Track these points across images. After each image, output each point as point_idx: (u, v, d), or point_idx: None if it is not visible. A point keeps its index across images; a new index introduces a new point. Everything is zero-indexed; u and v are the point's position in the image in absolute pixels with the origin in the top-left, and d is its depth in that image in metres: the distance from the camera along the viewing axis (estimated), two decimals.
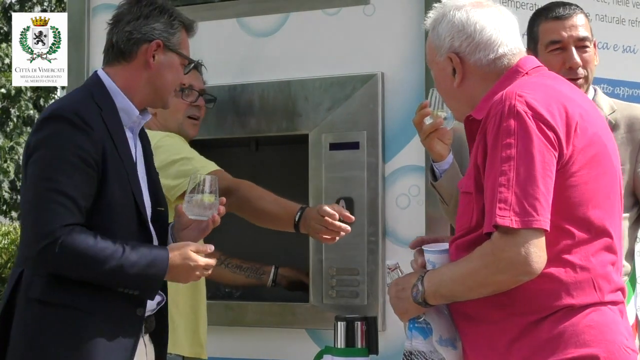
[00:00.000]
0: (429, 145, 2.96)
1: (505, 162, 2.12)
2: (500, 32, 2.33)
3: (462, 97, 2.38)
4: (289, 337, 3.50)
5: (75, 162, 2.52)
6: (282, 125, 3.58)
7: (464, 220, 2.27)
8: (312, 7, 3.58)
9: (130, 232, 2.62)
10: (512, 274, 2.12)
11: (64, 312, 2.53)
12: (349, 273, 3.41)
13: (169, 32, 2.74)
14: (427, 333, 2.27)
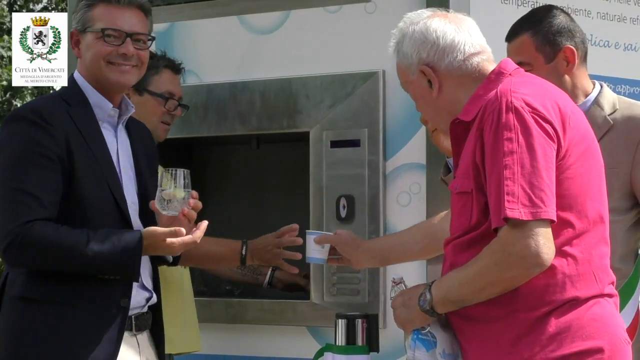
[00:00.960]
0: (435, 141, 3.01)
1: (508, 156, 2.13)
2: (461, 33, 2.35)
3: (444, 106, 2.39)
4: (289, 335, 3.50)
5: (35, 159, 2.55)
6: (283, 123, 3.58)
7: (462, 221, 2.27)
8: (313, 5, 3.58)
9: (110, 225, 2.62)
10: (523, 267, 2.12)
11: (45, 307, 2.56)
12: (349, 271, 3.40)
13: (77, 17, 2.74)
14: (431, 345, 2.26)
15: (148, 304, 2.74)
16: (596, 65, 3.40)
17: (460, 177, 2.30)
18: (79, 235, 2.53)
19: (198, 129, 3.54)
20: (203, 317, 3.47)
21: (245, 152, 3.85)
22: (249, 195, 3.77)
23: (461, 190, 2.28)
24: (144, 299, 2.71)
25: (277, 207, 3.74)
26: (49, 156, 2.55)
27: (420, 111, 2.53)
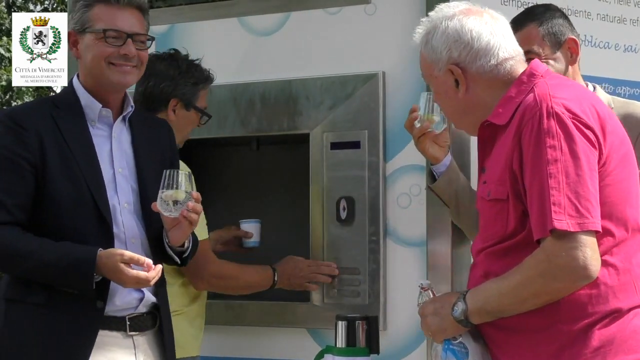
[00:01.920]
0: (421, 149, 2.98)
1: (551, 164, 2.07)
2: (497, 37, 2.30)
3: (468, 107, 2.34)
4: (289, 337, 3.50)
5: (1, 163, 2.59)
6: (283, 125, 3.58)
7: (497, 229, 2.21)
8: (313, 6, 3.58)
9: (86, 226, 2.64)
10: (570, 280, 2.07)
11: (24, 308, 2.62)
12: (350, 272, 3.41)
13: (74, 17, 2.75)
14: (463, 356, 2.21)
15: (142, 304, 2.74)
16: (596, 66, 3.41)
17: (494, 183, 2.23)
18: (39, 245, 2.57)
19: (198, 130, 3.53)
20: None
21: (245, 154, 3.85)
22: (249, 197, 3.76)
23: (495, 197, 2.22)
24: (135, 299, 2.71)
25: (277, 209, 3.74)
26: (16, 161, 2.59)
27: (441, 106, 2.47)
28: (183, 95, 3.29)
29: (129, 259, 2.56)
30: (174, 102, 3.29)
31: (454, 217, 3.11)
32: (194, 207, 2.63)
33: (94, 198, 2.64)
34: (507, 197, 2.17)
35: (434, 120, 2.90)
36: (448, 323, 2.23)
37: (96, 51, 2.70)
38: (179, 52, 3.38)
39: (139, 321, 2.72)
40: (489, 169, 2.30)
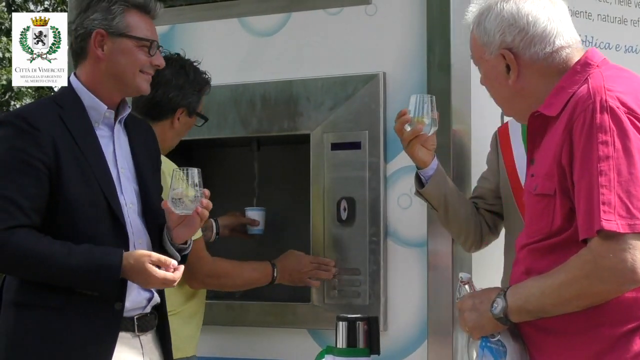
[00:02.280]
0: (410, 153, 2.95)
1: (603, 161, 1.97)
2: (554, 23, 2.19)
3: (518, 94, 2.25)
4: (290, 337, 3.50)
5: (16, 165, 2.55)
6: (284, 125, 3.58)
7: (542, 225, 2.13)
8: (313, 7, 3.58)
9: (100, 227, 2.62)
10: (617, 283, 1.97)
11: (38, 312, 2.57)
12: (350, 273, 3.41)
13: (107, 18, 2.71)
14: (500, 355, 2.14)
15: (150, 304, 2.74)
16: None
17: (542, 177, 2.14)
18: (60, 248, 2.53)
19: (198, 131, 3.53)
20: (205, 319, 3.47)
21: (245, 155, 3.85)
22: (249, 198, 3.76)
23: (542, 192, 2.12)
24: (144, 299, 2.71)
25: (278, 209, 3.74)
26: (32, 163, 2.56)
27: (488, 91, 2.36)
28: (189, 105, 3.31)
29: (157, 260, 2.58)
30: (180, 110, 3.32)
31: (442, 221, 3.09)
32: (207, 204, 2.67)
33: (107, 199, 2.63)
34: (555, 192, 2.08)
35: (425, 122, 2.87)
36: (486, 320, 2.15)
37: (134, 58, 2.71)
38: (182, 57, 3.38)
39: (145, 321, 2.73)
40: (538, 161, 2.20)
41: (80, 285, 2.57)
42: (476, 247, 3.13)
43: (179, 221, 2.70)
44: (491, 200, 3.08)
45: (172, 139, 3.37)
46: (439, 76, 3.33)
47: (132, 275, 2.58)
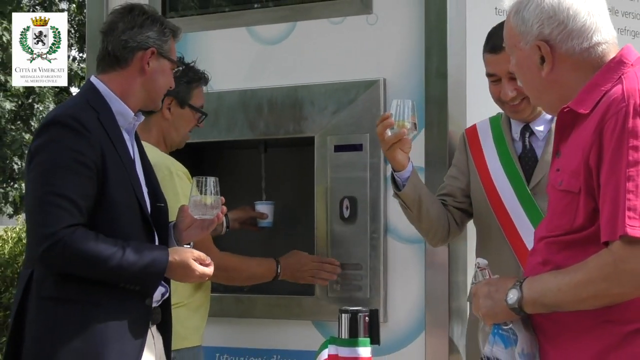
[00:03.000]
0: (391, 156, 2.88)
1: (632, 166, 1.89)
2: (594, 18, 2.07)
3: (550, 87, 2.13)
4: (295, 328, 3.51)
5: (72, 166, 2.54)
6: (290, 128, 3.60)
7: (564, 221, 2.05)
8: (317, 17, 3.59)
9: (135, 227, 2.64)
10: (635, 287, 1.91)
11: (76, 307, 2.55)
12: (352, 268, 3.42)
13: (161, 39, 2.76)
14: (510, 343, 2.08)
15: (162, 298, 2.77)
16: None
17: (568, 174, 2.05)
18: (115, 247, 2.53)
19: (209, 133, 3.55)
20: (215, 311, 3.48)
21: (253, 156, 3.86)
22: (257, 197, 3.78)
23: (567, 188, 2.04)
24: (160, 294, 2.73)
25: (284, 208, 3.75)
26: (86, 164, 2.55)
27: (519, 79, 2.23)
28: (177, 94, 3.24)
29: (198, 257, 2.64)
30: (168, 100, 3.26)
31: (414, 219, 3.02)
32: (223, 209, 2.74)
33: (139, 200, 2.66)
34: (579, 190, 2.00)
35: (407, 127, 2.83)
36: (500, 308, 2.07)
37: (168, 79, 2.80)
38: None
39: (156, 314, 2.74)
40: (564, 155, 2.11)
41: (128, 280, 2.57)
42: (442, 243, 3.12)
43: (191, 224, 2.74)
44: (460, 198, 3.06)
45: (170, 132, 3.33)
46: (436, 83, 3.34)
47: (174, 270, 2.62)
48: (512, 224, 2.93)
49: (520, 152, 2.98)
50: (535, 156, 2.96)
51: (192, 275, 2.64)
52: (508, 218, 2.93)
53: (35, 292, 2.58)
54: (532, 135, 2.97)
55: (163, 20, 2.82)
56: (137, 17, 2.76)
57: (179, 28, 2.90)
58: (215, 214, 2.71)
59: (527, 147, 2.97)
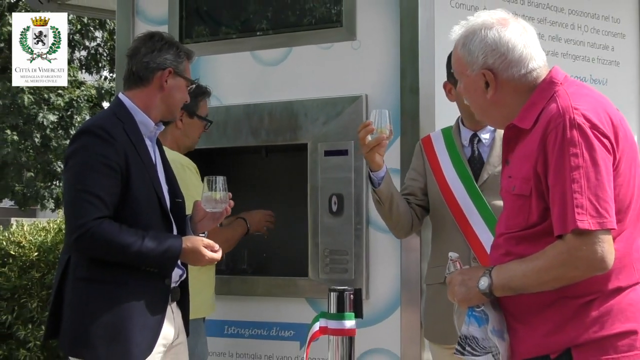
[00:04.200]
0: (370, 158, 2.87)
1: (575, 170, 1.92)
2: (529, 49, 2.10)
3: (493, 107, 2.15)
4: (291, 305, 3.50)
5: (100, 168, 2.54)
6: (287, 136, 3.59)
7: (519, 220, 2.06)
8: (310, 43, 3.59)
9: (155, 219, 2.63)
10: (588, 270, 1.93)
11: (106, 286, 2.55)
12: (339, 254, 3.42)
13: (177, 61, 2.76)
14: (483, 322, 2.09)
15: (180, 279, 2.75)
16: None
17: (519, 180, 2.06)
18: (136, 235, 2.53)
19: (219, 141, 3.54)
20: (223, 290, 3.49)
21: (256, 160, 3.85)
22: (259, 194, 3.77)
23: (520, 192, 2.05)
24: (177, 275, 2.72)
25: (282, 203, 3.75)
26: (111, 166, 2.55)
27: (466, 100, 2.23)
28: (186, 107, 3.18)
29: (207, 244, 2.63)
30: (180, 113, 3.20)
31: (385, 213, 2.99)
32: (231, 203, 2.73)
33: (158, 196, 2.65)
34: (530, 193, 2.02)
35: (385, 132, 2.82)
36: (474, 294, 2.08)
37: (184, 94, 2.80)
38: None
39: (175, 293, 2.73)
40: (513, 164, 2.13)
41: (148, 264, 2.57)
42: (406, 235, 3.09)
43: (204, 216, 2.74)
44: (420, 196, 3.05)
45: (182, 138, 3.35)
46: (410, 98, 3.34)
47: (187, 255, 2.62)
48: (464, 216, 2.94)
49: (469, 156, 2.99)
50: (482, 159, 2.97)
51: (202, 259, 2.63)
52: (460, 211, 2.94)
53: (71, 274, 2.58)
54: (479, 142, 3.00)
55: (178, 45, 2.83)
56: (157, 42, 2.76)
57: (193, 52, 2.90)
58: (223, 207, 2.71)
59: (476, 152, 2.99)
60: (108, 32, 15.88)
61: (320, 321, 2.94)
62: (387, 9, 3.41)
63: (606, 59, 3.86)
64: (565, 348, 2.00)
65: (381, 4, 3.43)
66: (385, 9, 3.42)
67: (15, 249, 5.03)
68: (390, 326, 3.33)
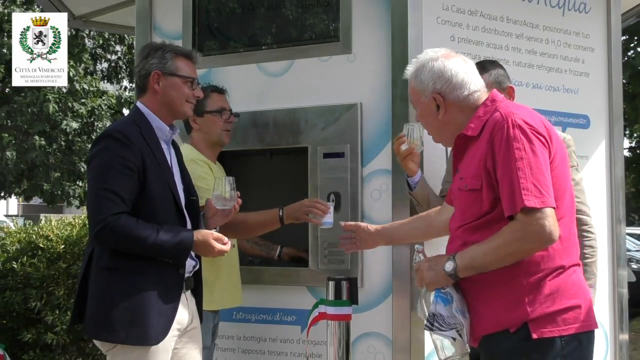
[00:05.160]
0: (405, 165, 3.02)
1: (519, 160, 2.07)
2: (468, 75, 2.30)
3: (445, 126, 2.33)
4: (294, 292, 3.50)
5: (119, 168, 2.54)
6: (289, 140, 3.58)
7: (473, 211, 2.19)
8: (310, 56, 3.58)
9: (170, 215, 2.63)
10: (540, 242, 2.06)
11: (126, 275, 2.55)
12: (337, 246, 3.40)
13: (162, 62, 2.72)
14: (448, 302, 2.19)
15: (194, 269, 2.75)
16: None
17: (470, 178, 2.21)
18: (151, 229, 2.53)
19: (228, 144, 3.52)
20: None
21: (262, 162, 3.85)
22: (264, 193, 3.77)
23: (471, 187, 2.20)
24: (191, 266, 2.72)
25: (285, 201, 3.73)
26: (129, 166, 2.55)
27: (424, 125, 2.42)
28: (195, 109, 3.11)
29: (217, 237, 2.61)
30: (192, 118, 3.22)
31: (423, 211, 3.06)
32: (240, 201, 2.73)
33: (173, 194, 2.64)
34: (481, 187, 2.15)
35: (417, 144, 2.96)
36: (440, 276, 2.19)
37: (182, 92, 2.73)
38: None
39: (189, 282, 2.73)
40: (462, 169, 2.28)
41: (163, 255, 2.56)
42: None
43: (215, 213, 2.74)
44: None
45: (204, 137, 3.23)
46: (400, 105, 3.34)
47: (198, 247, 2.61)
48: None
49: None
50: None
51: (213, 251, 2.62)
52: None
53: (94, 264, 2.58)
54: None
55: (165, 47, 2.76)
56: (144, 50, 2.77)
57: (188, 50, 2.83)
58: (232, 205, 2.70)
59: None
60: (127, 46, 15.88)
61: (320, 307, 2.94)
62: (380, 26, 3.41)
63: (577, 71, 3.86)
64: (522, 322, 2.10)
65: (374, 21, 3.43)
66: (378, 26, 3.41)
67: (43, 242, 5.03)
68: (383, 312, 3.33)
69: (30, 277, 4.90)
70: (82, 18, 4.95)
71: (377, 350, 3.33)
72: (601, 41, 3.95)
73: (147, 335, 2.52)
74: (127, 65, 15.94)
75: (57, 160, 14.89)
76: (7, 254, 5.08)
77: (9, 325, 4.95)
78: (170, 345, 2.60)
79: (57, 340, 4.84)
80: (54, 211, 18.88)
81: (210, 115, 3.27)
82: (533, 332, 2.09)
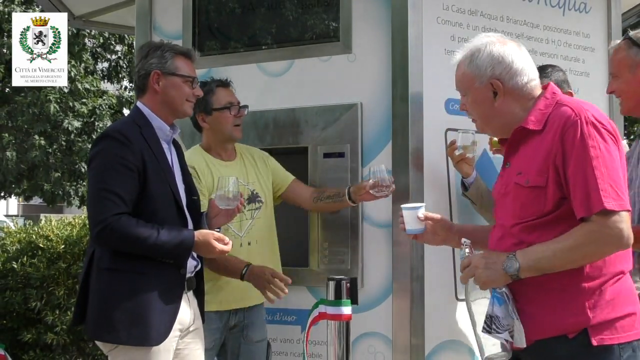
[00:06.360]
0: (459, 168, 3.13)
1: (594, 159, 1.99)
2: (526, 62, 2.20)
3: (498, 114, 2.20)
4: (295, 292, 3.47)
5: (119, 168, 2.54)
6: (290, 140, 3.58)
7: (534, 209, 2.08)
8: (310, 56, 3.58)
9: (170, 214, 2.63)
10: (617, 246, 2.00)
11: (127, 275, 2.55)
12: (337, 246, 3.41)
13: (162, 62, 2.71)
14: (503, 302, 2.09)
15: (195, 270, 2.75)
16: None
17: (533, 174, 2.09)
18: (152, 229, 2.52)
19: None
20: None
21: None
22: None
23: (534, 184, 2.08)
24: (192, 266, 2.72)
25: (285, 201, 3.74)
26: (128, 166, 2.55)
27: (473, 112, 2.26)
28: (202, 108, 3.16)
29: (218, 237, 2.61)
30: (199, 116, 3.20)
31: (478, 210, 3.21)
32: (243, 202, 2.74)
33: (174, 194, 2.64)
34: (546, 184, 2.05)
35: (469, 149, 3.06)
36: (499, 276, 2.07)
37: (182, 91, 2.71)
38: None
39: (190, 282, 2.73)
40: (518, 164, 2.16)
41: (164, 255, 2.56)
42: None
43: (218, 212, 2.73)
44: None
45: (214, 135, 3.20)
46: (400, 105, 3.33)
47: (199, 248, 2.60)
48: None
49: None
50: None
51: (213, 251, 2.61)
52: None
53: (96, 265, 2.58)
54: None
55: (164, 47, 2.75)
56: (143, 50, 2.76)
57: (187, 49, 2.82)
58: (235, 205, 2.69)
59: None
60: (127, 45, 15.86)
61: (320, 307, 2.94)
62: (380, 26, 3.40)
63: (577, 70, 3.86)
64: (582, 328, 2.03)
65: (374, 21, 3.42)
66: (378, 26, 3.41)
67: (44, 242, 5.03)
68: (383, 312, 3.32)
69: (30, 277, 4.90)
70: (82, 18, 4.95)
71: (377, 350, 3.33)
72: (601, 41, 3.95)
73: (148, 336, 2.52)
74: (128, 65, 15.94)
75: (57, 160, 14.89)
76: (7, 254, 5.09)
77: (9, 325, 4.95)
78: (171, 346, 2.60)
79: (57, 340, 4.84)
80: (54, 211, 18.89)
81: (218, 112, 3.22)
82: (593, 339, 2.03)
